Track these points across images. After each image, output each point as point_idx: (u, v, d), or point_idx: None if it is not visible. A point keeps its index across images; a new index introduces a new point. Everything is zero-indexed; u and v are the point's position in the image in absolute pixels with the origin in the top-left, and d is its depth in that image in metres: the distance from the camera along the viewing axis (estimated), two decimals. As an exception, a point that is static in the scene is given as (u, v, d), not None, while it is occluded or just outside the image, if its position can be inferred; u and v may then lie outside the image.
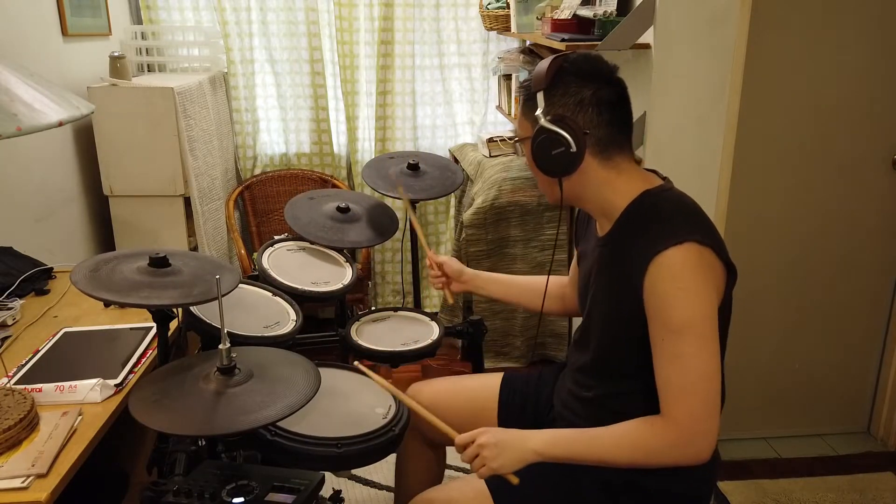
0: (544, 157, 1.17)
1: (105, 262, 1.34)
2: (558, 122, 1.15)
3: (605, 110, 1.17)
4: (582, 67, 1.18)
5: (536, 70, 1.19)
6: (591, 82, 1.17)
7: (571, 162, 1.16)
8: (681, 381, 1.10)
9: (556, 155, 1.16)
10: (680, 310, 1.09)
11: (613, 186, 1.20)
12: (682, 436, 1.10)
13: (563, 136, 1.15)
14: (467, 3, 3.16)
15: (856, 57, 2.14)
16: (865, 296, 2.38)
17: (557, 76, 1.17)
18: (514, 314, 2.86)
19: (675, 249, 1.09)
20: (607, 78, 1.19)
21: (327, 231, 1.87)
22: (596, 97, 1.16)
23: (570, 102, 1.16)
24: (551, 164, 1.18)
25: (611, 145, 1.19)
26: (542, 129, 1.16)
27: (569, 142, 1.15)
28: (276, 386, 1.17)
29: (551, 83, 1.17)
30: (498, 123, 3.35)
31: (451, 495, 1.27)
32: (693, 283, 1.09)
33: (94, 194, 2.58)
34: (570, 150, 1.15)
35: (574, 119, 1.16)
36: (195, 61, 3.06)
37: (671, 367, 1.11)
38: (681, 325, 1.08)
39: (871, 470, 2.30)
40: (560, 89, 1.17)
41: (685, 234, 1.10)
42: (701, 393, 1.09)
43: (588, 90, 1.16)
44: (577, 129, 1.15)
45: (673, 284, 1.09)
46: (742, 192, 2.17)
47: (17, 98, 1.16)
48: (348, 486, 2.21)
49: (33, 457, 1.14)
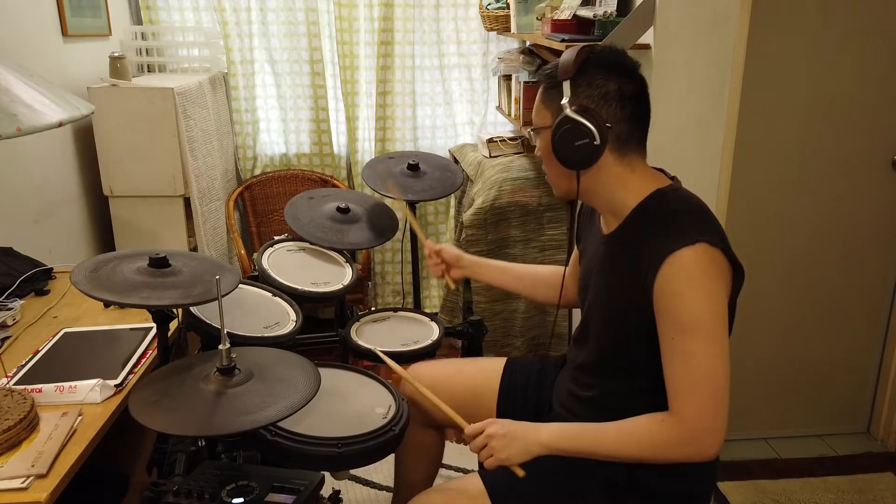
0: (566, 147, 1.16)
1: (105, 263, 1.34)
2: (583, 113, 1.14)
3: (628, 105, 1.16)
4: (608, 59, 1.17)
5: (563, 59, 1.17)
6: (617, 76, 1.16)
7: (593, 154, 1.15)
8: (690, 379, 1.10)
9: (578, 146, 1.15)
10: (692, 309, 1.09)
11: (626, 184, 1.20)
12: (690, 432, 1.11)
13: (588, 128, 1.13)
14: (467, 4, 3.16)
15: (856, 57, 2.14)
16: (865, 296, 2.38)
17: (584, 66, 1.16)
18: (514, 314, 2.86)
19: (689, 250, 1.09)
20: (631, 73, 1.18)
21: (327, 232, 1.87)
22: (620, 91, 1.15)
23: (596, 94, 1.15)
24: (572, 154, 1.16)
25: (629, 142, 1.18)
26: (566, 118, 1.14)
27: (593, 133, 1.13)
28: (276, 386, 1.17)
29: (577, 73, 1.15)
30: (498, 124, 3.35)
31: (451, 495, 1.27)
32: (705, 282, 1.09)
33: (93, 194, 2.58)
34: (594, 142, 1.14)
35: (598, 111, 1.15)
36: (195, 61, 3.05)
37: (681, 365, 1.11)
38: (692, 323, 1.09)
39: (871, 470, 2.30)
40: (586, 80, 1.15)
41: (698, 235, 1.10)
42: (710, 391, 1.10)
43: (613, 84, 1.15)
44: (601, 121, 1.14)
45: (686, 284, 1.09)
46: (742, 192, 2.17)
47: (17, 98, 1.16)
48: (348, 487, 2.21)
49: (33, 457, 1.14)
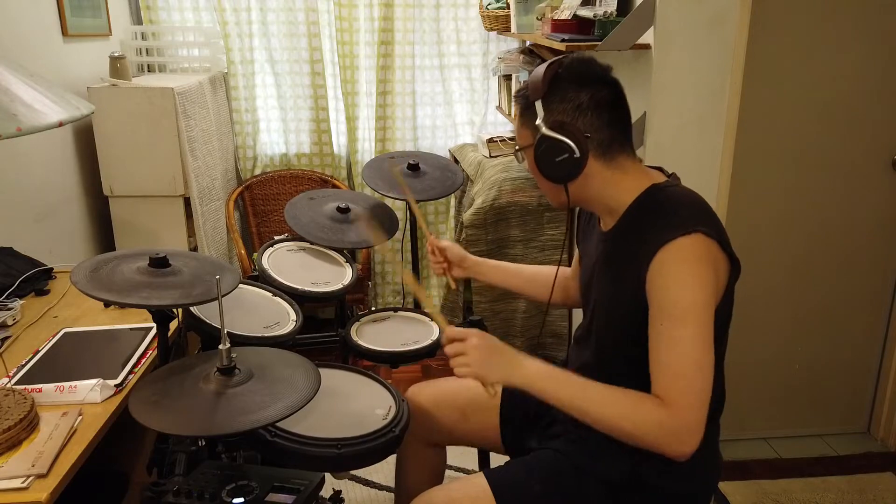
0: (548, 164, 1.18)
1: (105, 263, 1.34)
2: (559, 129, 1.16)
3: (605, 112, 1.17)
4: (577, 71, 1.19)
5: (532, 79, 1.20)
6: (588, 85, 1.17)
7: (576, 167, 1.17)
8: (677, 365, 1.10)
9: (560, 162, 1.17)
10: (682, 296, 1.09)
11: (619, 185, 1.21)
12: (671, 418, 1.09)
13: (566, 143, 1.16)
14: (467, 4, 3.16)
15: (856, 57, 2.14)
16: (865, 296, 2.38)
17: (554, 83, 1.18)
18: (514, 314, 2.86)
19: (684, 239, 1.10)
20: (603, 79, 1.20)
21: (327, 231, 1.87)
22: (594, 100, 1.17)
23: (569, 108, 1.17)
24: (556, 170, 1.18)
25: (613, 146, 1.19)
26: (543, 137, 1.17)
27: (571, 147, 1.16)
28: (276, 386, 1.17)
29: (548, 90, 1.17)
30: (498, 124, 3.35)
31: (453, 495, 1.27)
32: (697, 270, 1.10)
33: (94, 194, 2.58)
34: (574, 155, 1.16)
35: (574, 124, 1.16)
36: (195, 61, 3.05)
37: (668, 351, 1.11)
38: (682, 310, 1.09)
39: (871, 470, 2.30)
40: (558, 96, 1.17)
41: (693, 225, 1.11)
42: (694, 380, 1.09)
43: (585, 94, 1.17)
44: (579, 133, 1.16)
45: (678, 270, 1.10)
46: (742, 192, 2.17)
47: (17, 98, 1.16)
48: (348, 487, 2.21)
49: (33, 457, 1.14)
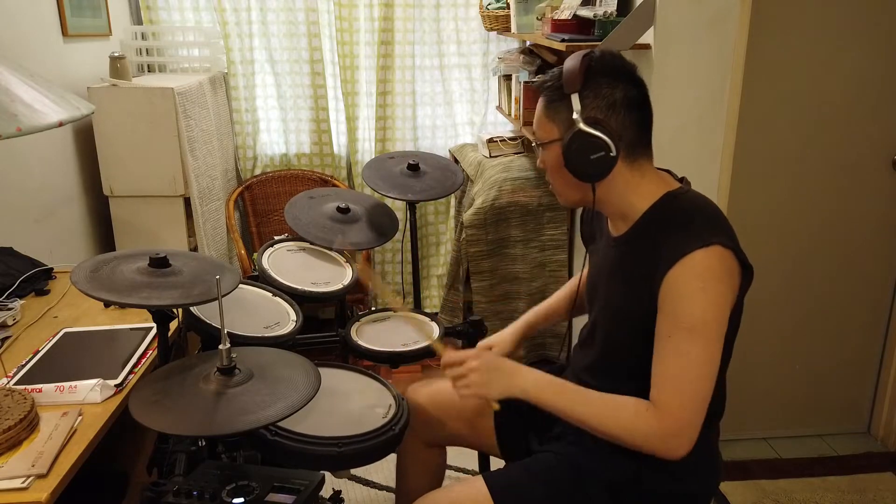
0: (581, 161, 1.14)
1: (105, 263, 1.34)
2: (596, 125, 1.12)
3: (634, 111, 1.15)
4: (610, 65, 1.15)
5: (567, 70, 1.14)
6: (622, 82, 1.14)
7: (608, 166, 1.13)
8: (680, 377, 1.10)
9: (594, 160, 1.13)
10: (696, 310, 1.08)
11: (636, 189, 1.18)
12: (669, 426, 1.10)
13: (604, 140, 1.12)
14: (467, 4, 3.16)
15: (856, 57, 2.13)
16: (865, 296, 2.38)
17: (588, 76, 1.13)
18: (514, 314, 2.86)
19: (702, 252, 1.08)
20: (632, 78, 1.16)
21: (327, 231, 1.87)
22: (626, 98, 1.14)
23: (603, 105, 1.13)
24: (588, 168, 1.14)
25: (637, 147, 1.17)
26: (580, 132, 1.12)
27: (609, 146, 1.12)
28: (277, 386, 1.17)
29: (583, 83, 1.13)
30: (498, 124, 3.35)
31: (454, 497, 1.27)
32: (714, 285, 1.09)
33: (94, 194, 2.58)
34: (610, 153, 1.12)
35: (608, 122, 1.13)
36: (195, 61, 3.05)
37: (674, 362, 1.10)
38: (693, 324, 1.08)
39: (871, 470, 2.30)
40: (592, 90, 1.13)
41: (711, 237, 1.10)
42: (696, 393, 1.10)
43: (619, 91, 1.13)
44: (614, 132, 1.12)
45: (695, 285, 1.08)
46: (742, 192, 2.17)
47: (17, 98, 1.16)
48: (348, 487, 2.21)
49: (33, 457, 1.14)
